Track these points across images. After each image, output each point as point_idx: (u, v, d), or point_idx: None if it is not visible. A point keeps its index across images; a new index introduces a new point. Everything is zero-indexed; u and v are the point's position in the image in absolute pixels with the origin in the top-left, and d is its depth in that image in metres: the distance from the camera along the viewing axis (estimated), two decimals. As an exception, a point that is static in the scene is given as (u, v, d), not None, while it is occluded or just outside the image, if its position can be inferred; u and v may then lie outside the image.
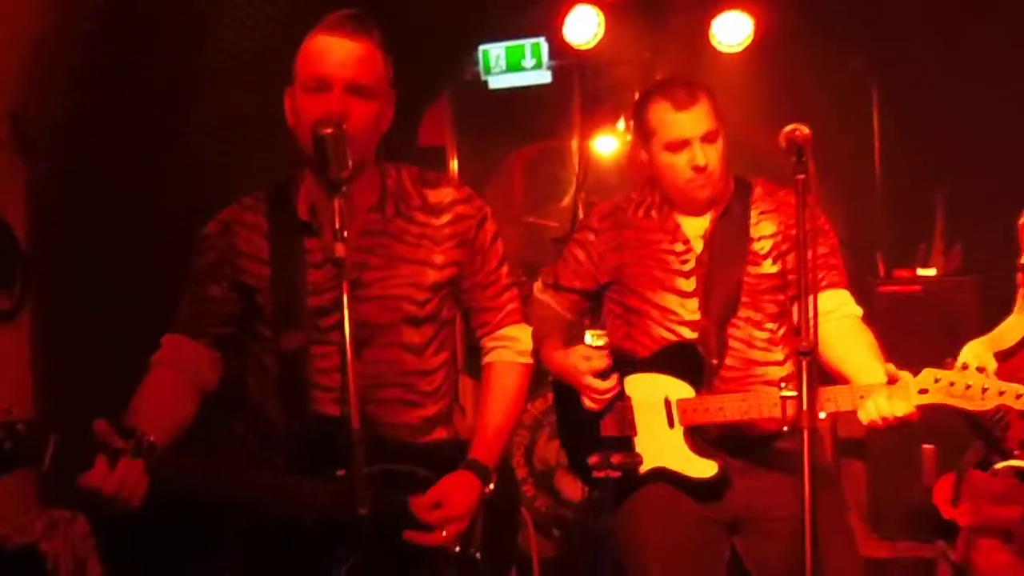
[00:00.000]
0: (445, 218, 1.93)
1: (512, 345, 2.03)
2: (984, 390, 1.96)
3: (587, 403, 2.33)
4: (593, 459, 2.29)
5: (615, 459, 2.27)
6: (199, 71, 3.01)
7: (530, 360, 2.06)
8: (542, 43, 5.42)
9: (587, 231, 2.47)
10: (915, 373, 2.03)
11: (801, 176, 1.95)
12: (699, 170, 2.27)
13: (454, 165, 6.14)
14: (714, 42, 4.80)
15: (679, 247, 2.36)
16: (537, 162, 7.02)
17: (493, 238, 2.00)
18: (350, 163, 1.66)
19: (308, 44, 1.80)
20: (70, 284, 2.77)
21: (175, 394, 1.86)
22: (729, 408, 2.21)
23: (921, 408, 2.01)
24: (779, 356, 2.32)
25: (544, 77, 5.66)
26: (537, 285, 2.58)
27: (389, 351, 1.89)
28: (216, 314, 1.90)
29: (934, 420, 2.09)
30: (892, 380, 2.02)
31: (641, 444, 2.30)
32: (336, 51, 1.77)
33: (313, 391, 1.84)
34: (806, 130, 2.06)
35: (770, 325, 2.32)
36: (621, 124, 7.63)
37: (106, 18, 2.66)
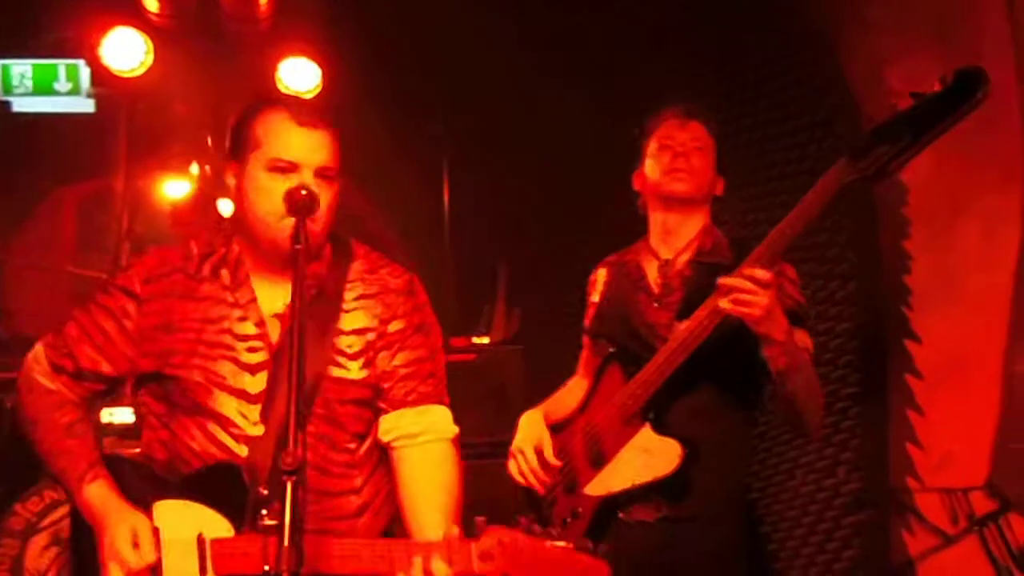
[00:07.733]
0: None
1: None
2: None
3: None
4: None
5: None
6: None
7: None
8: (80, 66, 4.75)
9: (124, 296, 1.82)
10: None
11: (298, 247, 1.61)
12: None
13: (-36, 197, 5.12)
14: (281, 87, 4.45)
15: (249, 328, 1.80)
16: (91, 202, 6.20)
17: None
18: None
19: None
20: None
21: None
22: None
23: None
24: (358, 483, 1.86)
25: (86, 105, 4.99)
26: (39, 364, 1.88)
27: None
28: None
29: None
30: (449, 539, 1.63)
31: None
32: None
33: None
34: (308, 190, 1.69)
35: (351, 445, 1.86)
36: (195, 168, 7.07)
37: None
